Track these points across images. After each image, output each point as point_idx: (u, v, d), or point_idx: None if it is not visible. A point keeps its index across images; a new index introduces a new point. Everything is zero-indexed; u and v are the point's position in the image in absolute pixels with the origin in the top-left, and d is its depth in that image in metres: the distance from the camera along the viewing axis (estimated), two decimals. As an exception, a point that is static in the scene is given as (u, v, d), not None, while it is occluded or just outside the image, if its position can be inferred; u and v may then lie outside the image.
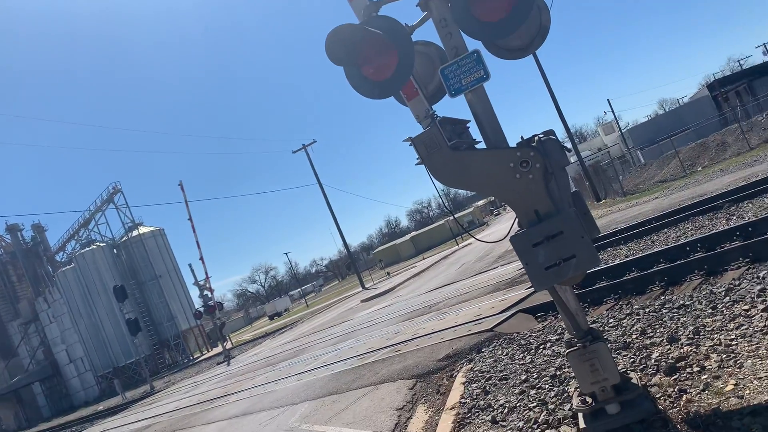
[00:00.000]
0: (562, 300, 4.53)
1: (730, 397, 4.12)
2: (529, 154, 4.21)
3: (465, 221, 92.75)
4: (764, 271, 6.75)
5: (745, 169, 20.90)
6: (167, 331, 55.31)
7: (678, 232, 11.85)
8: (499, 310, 10.41)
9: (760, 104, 42.79)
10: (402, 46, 4.57)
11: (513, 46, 5.04)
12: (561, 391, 5.56)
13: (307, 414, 8.81)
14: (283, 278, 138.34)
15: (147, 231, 56.50)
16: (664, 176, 33.71)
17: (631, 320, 6.95)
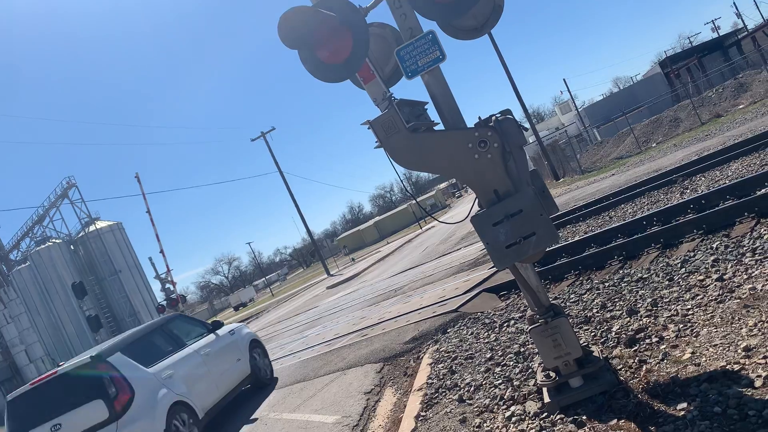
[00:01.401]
0: (524, 277, 4.58)
1: (688, 365, 4.24)
2: (487, 134, 4.22)
3: (427, 204, 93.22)
4: (717, 242, 6.94)
5: (697, 144, 21.44)
6: (130, 326, 54.28)
7: (635, 207, 12.10)
8: (463, 291, 10.50)
9: (710, 80, 43.90)
10: (356, 28, 4.52)
11: (468, 26, 5.02)
12: (525, 367, 5.64)
13: (275, 402, 8.77)
14: (247, 268, 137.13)
15: (104, 225, 55.25)
16: (620, 153, 34.36)
17: (592, 295, 7.09)
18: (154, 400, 7.48)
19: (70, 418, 7.17)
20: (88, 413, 7.15)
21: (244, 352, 10.03)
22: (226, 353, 9.55)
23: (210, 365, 8.94)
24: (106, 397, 7.20)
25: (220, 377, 9.02)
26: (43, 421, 7.26)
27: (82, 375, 7.46)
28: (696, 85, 43.80)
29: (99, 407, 7.14)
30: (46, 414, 7.30)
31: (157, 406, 7.43)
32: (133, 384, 7.43)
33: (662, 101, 44.01)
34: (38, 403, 7.50)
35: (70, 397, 7.34)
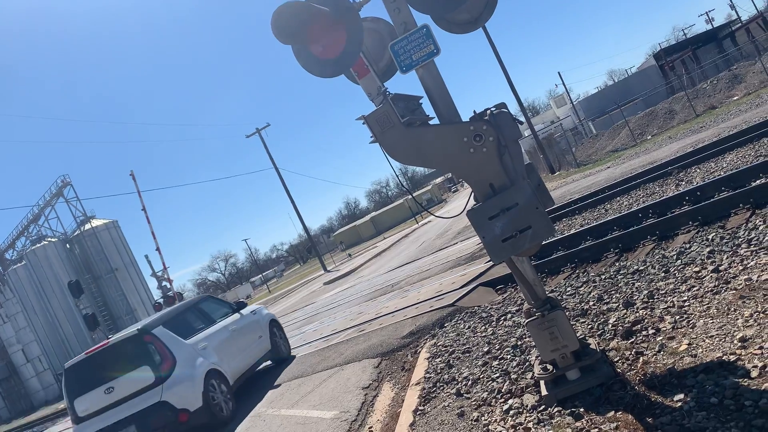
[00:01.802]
0: (520, 271, 4.59)
1: (684, 357, 4.25)
2: (482, 128, 4.22)
3: (423, 199, 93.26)
4: (713, 234, 6.96)
5: (692, 136, 21.48)
6: (127, 324, 54.23)
7: (630, 200, 12.13)
8: (459, 285, 10.51)
9: (704, 71, 43.95)
10: (350, 23, 4.50)
11: (462, 20, 5.01)
12: (522, 360, 5.65)
13: (273, 398, 8.77)
14: (244, 265, 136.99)
15: (100, 224, 55.09)
16: (615, 146, 34.41)
17: (588, 287, 7.10)
18: (192, 366, 8.62)
19: (121, 381, 8.35)
20: (136, 377, 8.31)
21: (264, 330, 11.19)
22: (250, 330, 10.71)
23: (236, 340, 10.10)
24: (152, 363, 8.38)
25: (245, 350, 10.21)
26: (97, 385, 8.45)
27: (131, 344, 8.71)
28: (690, 77, 43.84)
29: (146, 372, 8.32)
30: (100, 379, 8.47)
31: (195, 372, 8.55)
32: (175, 352, 8.57)
33: (657, 93, 44.03)
34: (92, 370, 8.67)
35: (120, 363, 8.53)
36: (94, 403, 8.39)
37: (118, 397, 8.30)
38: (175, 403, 8.11)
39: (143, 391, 8.21)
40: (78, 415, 8.58)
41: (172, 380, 8.27)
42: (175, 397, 8.16)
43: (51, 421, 30.51)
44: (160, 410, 8.09)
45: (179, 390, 8.23)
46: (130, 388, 8.28)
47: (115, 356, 8.67)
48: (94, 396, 8.41)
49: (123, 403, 8.26)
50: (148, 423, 8.08)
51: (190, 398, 8.26)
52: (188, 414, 8.15)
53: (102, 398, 8.34)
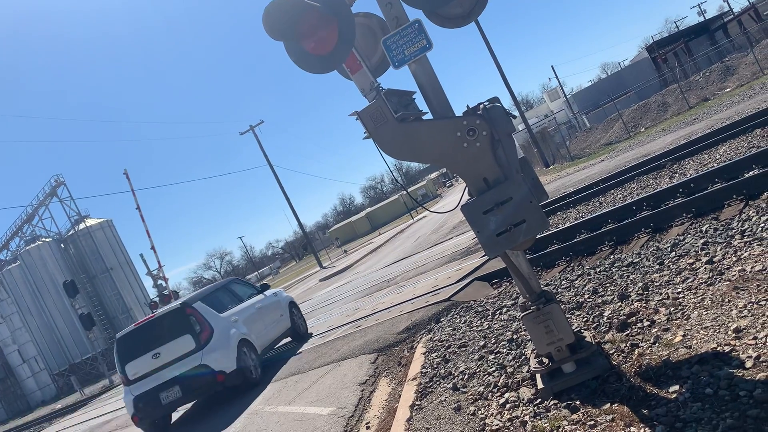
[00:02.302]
0: (515, 265, 4.59)
1: (679, 348, 4.27)
2: (476, 122, 4.22)
3: (418, 194, 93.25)
4: (706, 225, 6.98)
5: (685, 128, 21.53)
6: (123, 323, 54.12)
7: (624, 193, 12.15)
8: (455, 280, 10.52)
9: (697, 64, 44.03)
10: (342, 18, 4.49)
11: (454, 14, 5.00)
12: (518, 354, 5.67)
13: (270, 396, 8.77)
14: (239, 263, 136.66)
15: (94, 223, 54.95)
16: (609, 139, 34.47)
17: (583, 280, 7.12)
18: (227, 335, 9.91)
19: (167, 348, 9.65)
20: (180, 344, 9.63)
21: (285, 310, 12.57)
22: (272, 309, 12.07)
23: (262, 316, 11.46)
24: (193, 332, 9.66)
25: (269, 325, 11.53)
26: (145, 351, 9.73)
27: (175, 316, 9.93)
28: (683, 70, 43.94)
29: (188, 340, 9.63)
30: (148, 346, 9.76)
31: (230, 340, 9.85)
32: (212, 323, 9.87)
33: (650, 86, 44.13)
34: (141, 339, 9.94)
35: (165, 333, 9.78)
36: (142, 367, 9.70)
37: (164, 362, 9.61)
38: (213, 366, 9.43)
39: (186, 356, 9.54)
40: (129, 378, 9.85)
41: (211, 347, 9.58)
42: (213, 360, 9.46)
43: (48, 421, 30.42)
44: (200, 372, 9.42)
45: (216, 355, 9.53)
46: (175, 354, 9.60)
47: (160, 327, 9.91)
48: (142, 361, 9.72)
49: (168, 366, 9.56)
50: (191, 383, 9.41)
51: (225, 362, 9.54)
52: (224, 375, 9.42)
53: (150, 363, 9.68)
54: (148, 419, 9.75)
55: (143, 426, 9.92)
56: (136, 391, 9.65)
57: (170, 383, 9.42)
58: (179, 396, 9.45)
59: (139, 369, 9.73)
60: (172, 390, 9.41)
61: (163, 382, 9.45)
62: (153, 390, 9.46)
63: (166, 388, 9.42)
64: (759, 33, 42.17)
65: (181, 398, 9.49)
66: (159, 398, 9.45)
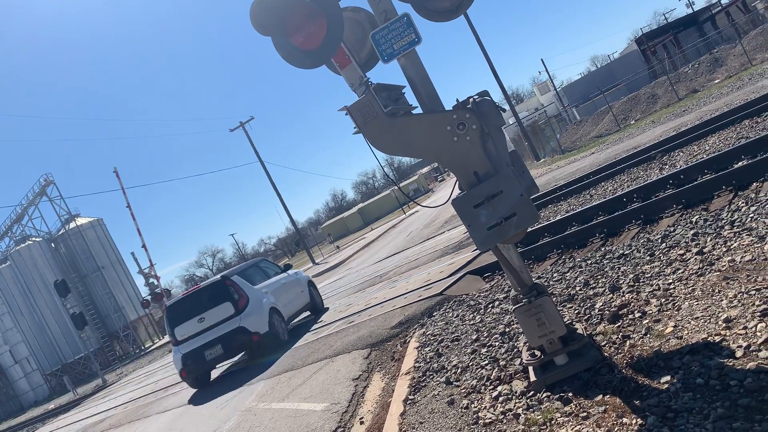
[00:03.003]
0: (506, 258, 4.60)
1: (670, 339, 4.29)
2: (465, 116, 4.21)
3: (410, 189, 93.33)
4: (696, 216, 7.01)
5: (675, 120, 21.62)
6: (115, 322, 54.06)
7: (615, 185, 12.20)
8: (447, 274, 10.53)
9: (686, 55, 44.19)
10: (330, 13, 4.47)
11: (443, 8, 4.98)
12: (511, 347, 5.68)
13: (263, 393, 8.76)
14: (231, 260, 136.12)
15: (85, 222, 54.72)
16: (599, 131, 34.57)
17: (574, 273, 7.14)
18: (260, 303, 11.72)
19: (210, 313, 11.44)
20: (221, 310, 11.41)
21: (304, 287, 14.43)
22: (294, 285, 13.96)
23: (286, 290, 13.31)
24: (232, 300, 11.43)
25: (292, 299, 13.38)
26: (191, 316, 11.53)
27: (216, 287, 11.76)
28: (672, 61, 44.09)
29: (228, 306, 11.40)
30: (194, 312, 11.55)
31: (262, 307, 11.66)
32: (248, 293, 11.67)
33: (639, 78, 44.26)
34: (187, 306, 11.75)
35: (208, 301, 11.58)
36: (189, 330, 11.49)
37: (207, 325, 11.38)
38: (249, 328, 11.15)
39: (226, 320, 11.30)
40: (177, 339, 11.65)
41: (247, 312, 11.35)
42: (249, 323, 11.20)
43: (41, 421, 30.29)
44: (239, 333, 11.11)
45: (252, 319, 11.29)
46: (217, 318, 11.36)
47: (204, 296, 11.73)
48: (189, 325, 11.50)
49: (211, 329, 11.32)
50: (231, 342, 11.13)
51: (259, 324, 11.31)
52: (259, 336, 11.16)
53: (195, 326, 11.44)
54: (194, 374, 11.49)
55: (189, 380, 11.69)
56: (184, 350, 11.41)
57: (213, 342, 11.16)
58: (221, 353, 11.20)
59: (186, 331, 11.54)
60: (215, 348, 11.16)
61: (207, 342, 11.19)
62: (198, 348, 11.21)
63: (210, 347, 11.17)
64: (747, 24, 42.39)
65: (223, 355, 11.25)
66: (204, 355, 11.18)
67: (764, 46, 32.74)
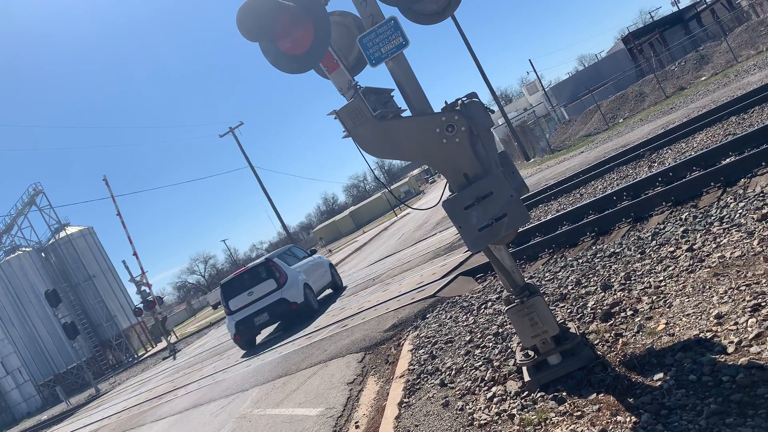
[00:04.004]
0: (498, 259, 4.61)
1: (663, 336, 4.31)
2: (454, 118, 4.22)
3: (401, 191, 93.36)
4: (686, 213, 7.05)
5: (662, 117, 21.75)
6: (108, 331, 53.68)
7: (605, 183, 12.25)
8: (440, 276, 10.54)
9: (672, 53, 44.48)
10: (317, 18, 4.47)
11: (430, 11, 4.99)
12: (504, 347, 5.69)
13: (258, 399, 8.74)
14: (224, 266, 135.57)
15: (75, 231, 54.33)
16: (588, 130, 34.73)
17: (566, 272, 7.16)
18: (296, 279, 14.60)
19: (257, 288, 14.47)
20: (266, 285, 14.40)
21: (327, 269, 17.36)
22: (319, 266, 16.90)
23: (314, 270, 16.19)
24: (275, 277, 14.45)
25: (319, 277, 16.28)
26: (242, 291, 14.57)
27: (261, 267, 14.87)
28: (659, 60, 44.34)
29: (271, 282, 14.39)
30: (244, 287, 14.62)
31: (298, 283, 14.53)
32: (286, 272, 14.63)
33: (627, 77, 44.50)
34: (239, 283, 14.83)
35: (255, 278, 14.69)
36: (240, 302, 14.44)
37: (255, 297, 14.35)
38: (289, 299, 14.06)
39: (270, 293, 14.24)
40: (231, 310, 14.61)
41: (286, 286, 14.25)
42: (289, 295, 14.09)
43: (34, 433, 30.06)
44: (281, 303, 14.07)
45: (291, 291, 14.18)
46: (263, 292, 14.35)
47: (252, 274, 14.84)
48: (240, 297, 14.48)
49: (259, 300, 14.28)
50: (275, 310, 14.10)
51: (297, 296, 14.16)
52: (297, 305, 14.03)
53: (245, 298, 14.42)
54: (245, 337, 14.41)
55: (240, 342, 14.55)
56: (236, 318, 14.35)
57: (261, 311, 14.13)
58: (267, 319, 14.18)
59: (238, 303, 14.46)
60: (262, 315, 14.14)
61: (256, 311, 14.15)
62: (249, 316, 14.17)
63: (258, 314, 14.15)
64: (732, 21, 42.73)
65: (268, 321, 14.25)
66: (253, 322, 14.16)
67: (749, 43, 33.01)
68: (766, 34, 32.57)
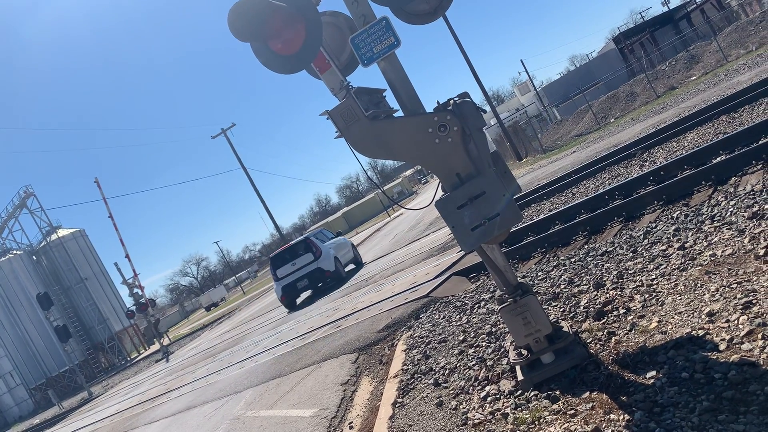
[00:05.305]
0: (491, 258, 4.61)
1: (655, 334, 4.32)
2: (446, 118, 4.22)
3: (394, 192, 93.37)
4: (677, 212, 7.09)
5: (653, 117, 21.85)
6: (100, 334, 53.47)
7: (597, 183, 12.29)
8: (433, 276, 10.54)
9: (662, 53, 44.72)
10: (308, 18, 4.46)
11: (421, 11, 4.99)
12: (498, 346, 5.70)
13: (252, 400, 8.72)
14: (216, 268, 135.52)
15: (67, 233, 54.10)
16: (580, 130, 34.85)
17: (559, 271, 7.18)
18: (329, 253, 18.89)
19: (298, 260, 18.80)
20: (305, 258, 18.68)
21: (350, 248, 21.77)
22: (344, 245, 21.30)
23: (341, 247, 20.64)
24: (312, 251, 18.73)
25: (345, 253, 20.66)
26: (287, 262, 18.96)
27: (301, 244, 19.35)
28: (650, 59, 44.57)
29: (309, 255, 18.67)
30: (288, 259, 19.04)
31: (330, 256, 18.78)
32: (321, 247, 18.94)
33: (618, 77, 44.71)
34: (284, 256, 19.32)
35: (297, 252, 19.11)
36: (286, 270, 18.89)
37: (297, 267, 18.72)
38: (324, 268, 18.37)
39: (309, 264, 18.55)
40: (278, 277, 19.01)
41: (321, 258, 18.55)
42: (323, 265, 18.39)
43: (26, 437, 29.88)
44: (318, 271, 18.39)
45: (325, 262, 18.45)
46: (303, 263, 18.71)
47: (294, 249, 19.39)
48: (286, 267, 18.94)
49: (300, 269, 18.63)
50: (313, 276, 18.41)
51: (329, 266, 18.46)
52: (330, 272, 18.41)
53: (290, 268, 18.83)
54: (289, 299, 18.89)
55: (286, 302, 18.98)
56: (283, 283, 18.80)
57: (302, 278, 18.48)
58: (307, 284, 18.47)
59: (284, 272, 18.92)
60: (303, 281, 18.46)
61: (298, 277, 18.51)
62: (292, 282, 18.60)
63: (300, 280, 18.49)
64: (722, 21, 42.99)
65: (308, 285, 18.52)
66: (296, 286, 18.56)
67: (739, 42, 33.22)
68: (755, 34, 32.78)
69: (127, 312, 36.23)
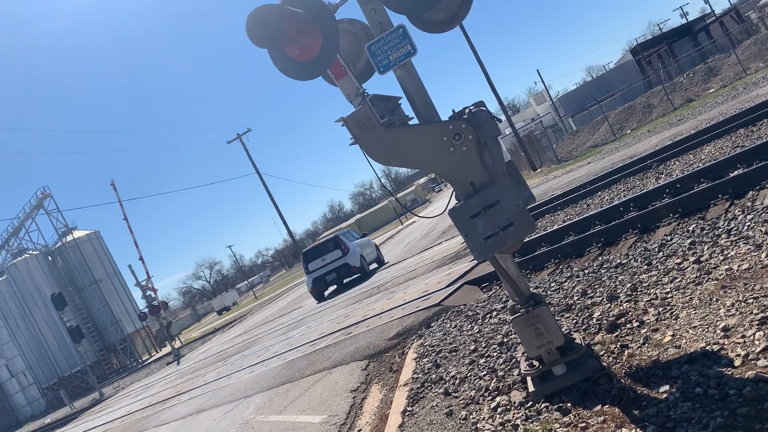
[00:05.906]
0: (504, 268, 4.59)
1: (669, 348, 4.28)
2: (461, 127, 4.22)
3: (407, 200, 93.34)
4: (693, 225, 7.02)
5: (670, 129, 21.70)
6: (112, 335, 53.79)
7: (612, 194, 12.21)
8: (445, 284, 10.51)
9: (680, 65, 44.46)
10: (326, 25, 4.48)
11: (438, 19, 5.01)
12: (509, 357, 5.66)
13: (261, 405, 8.72)
14: (229, 272, 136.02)
15: (82, 235, 54.55)
16: (595, 141, 34.67)
17: (572, 282, 7.13)
18: (355, 251, 20.88)
19: (328, 255, 20.89)
20: (334, 254, 20.80)
21: (374, 248, 23.57)
22: (368, 245, 23.20)
23: (366, 247, 22.52)
24: (340, 248, 20.86)
25: (369, 252, 22.47)
26: (318, 257, 21.13)
27: (331, 241, 21.58)
28: (667, 71, 44.31)
29: (338, 252, 20.81)
30: (318, 255, 21.21)
31: (356, 253, 20.78)
32: (348, 245, 20.93)
33: (635, 88, 44.46)
34: (316, 252, 21.51)
35: (327, 248, 21.28)
36: (316, 264, 20.89)
37: (327, 262, 20.65)
38: (350, 263, 20.27)
39: (337, 260, 20.48)
40: (309, 270, 21.05)
41: (348, 255, 20.46)
42: (350, 261, 20.28)
43: (37, 436, 30.07)
44: (345, 266, 20.30)
45: (351, 259, 20.35)
46: (332, 258, 20.64)
47: (324, 246, 21.48)
48: (317, 262, 20.93)
49: (329, 264, 20.58)
50: (340, 270, 20.34)
51: (355, 262, 20.35)
52: (356, 268, 20.38)
53: (320, 263, 20.79)
54: (318, 290, 20.67)
55: (315, 294, 20.79)
56: (313, 276, 20.73)
57: (331, 272, 20.44)
58: (335, 277, 20.44)
59: (315, 265, 20.90)
60: (331, 275, 20.43)
61: (327, 271, 20.45)
62: (322, 275, 20.53)
63: (329, 274, 20.44)
64: (741, 34, 42.68)
65: (336, 279, 20.51)
66: (325, 279, 20.47)
67: (758, 55, 32.95)
68: (775, 47, 32.49)
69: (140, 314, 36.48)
